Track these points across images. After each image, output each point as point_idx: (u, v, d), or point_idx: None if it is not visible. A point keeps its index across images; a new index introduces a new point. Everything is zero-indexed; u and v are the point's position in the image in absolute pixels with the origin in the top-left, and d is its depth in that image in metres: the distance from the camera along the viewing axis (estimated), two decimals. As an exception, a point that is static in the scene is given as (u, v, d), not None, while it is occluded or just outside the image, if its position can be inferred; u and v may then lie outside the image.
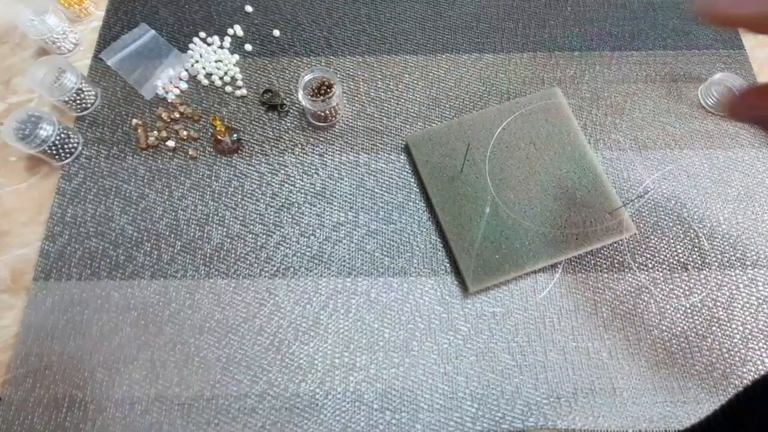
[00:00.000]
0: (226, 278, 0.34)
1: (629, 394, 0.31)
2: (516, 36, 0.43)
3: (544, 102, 0.37)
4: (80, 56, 0.42)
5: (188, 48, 0.42)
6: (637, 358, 0.32)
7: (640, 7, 0.44)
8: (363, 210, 0.36)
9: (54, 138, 0.36)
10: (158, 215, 0.36)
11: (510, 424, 0.30)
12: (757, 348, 0.32)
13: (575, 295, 0.33)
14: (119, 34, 0.42)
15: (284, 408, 0.30)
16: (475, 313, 0.33)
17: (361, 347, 0.32)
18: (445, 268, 0.34)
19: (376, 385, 0.31)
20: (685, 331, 0.32)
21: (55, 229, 0.36)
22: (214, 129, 0.39)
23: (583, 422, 0.30)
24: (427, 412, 0.30)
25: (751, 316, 0.33)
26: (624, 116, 0.39)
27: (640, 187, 0.36)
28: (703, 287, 0.34)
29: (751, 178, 0.37)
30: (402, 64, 0.42)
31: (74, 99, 0.38)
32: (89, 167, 0.38)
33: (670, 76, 0.41)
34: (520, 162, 0.36)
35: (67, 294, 0.34)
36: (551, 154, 0.36)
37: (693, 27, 0.43)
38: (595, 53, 0.42)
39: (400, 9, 0.44)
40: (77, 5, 0.43)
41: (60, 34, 0.40)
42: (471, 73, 0.41)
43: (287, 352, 0.32)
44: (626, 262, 0.34)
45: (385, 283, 0.34)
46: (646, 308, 0.33)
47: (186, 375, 0.31)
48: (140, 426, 0.30)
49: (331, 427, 0.30)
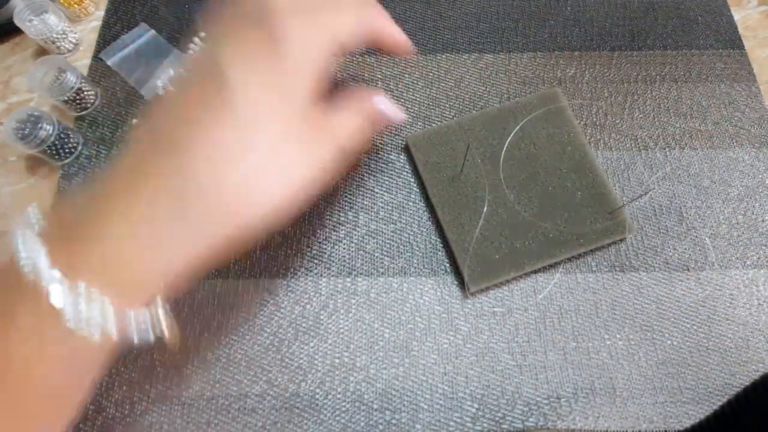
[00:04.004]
0: (227, 278, 0.34)
1: (629, 394, 0.31)
2: (516, 36, 0.43)
3: (544, 103, 0.37)
4: (80, 56, 0.42)
5: (188, 48, 0.42)
6: (637, 358, 0.32)
7: (640, 7, 0.44)
8: (363, 210, 0.36)
9: (54, 138, 0.36)
10: (158, 215, 0.36)
11: (510, 424, 0.30)
12: (758, 348, 0.32)
13: (575, 295, 0.33)
14: (119, 34, 0.42)
15: (284, 408, 0.30)
16: (475, 313, 0.33)
17: (361, 347, 0.32)
18: (445, 268, 0.34)
19: (376, 385, 0.31)
20: (686, 331, 0.32)
21: (54, 229, 0.36)
22: (214, 129, 0.39)
23: (583, 422, 0.30)
24: (427, 412, 0.30)
25: (751, 316, 0.33)
26: (624, 116, 0.39)
27: (641, 187, 0.36)
28: (703, 287, 0.34)
29: (751, 178, 0.37)
30: (402, 64, 0.42)
31: (74, 99, 0.38)
32: (89, 167, 0.38)
33: (670, 76, 0.41)
34: (520, 162, 0.36)
35: (67, 294, 0.34)
36: (551, 155, 0.36)
37: (693, 27, 0.43)
38: (595, 53, 0.42)
39: (400, 9, 0.44)
40: (77, 5, 0.43)
41: (60, 33, 0.40)
42: (471, 73, 0.41)
43: (287, 352, 0.32)
44: (626, 262, 0.34)
45: (385, 283, 0.34)
46: (646, 308, 0.33)
47: (186, 375, 0.31)
48: (140, 426, 0.30)
49: (331, 427, 0.30)
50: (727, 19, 0.43)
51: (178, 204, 0.20)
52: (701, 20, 0.43)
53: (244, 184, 0.21)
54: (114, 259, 0.20)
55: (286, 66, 0.22)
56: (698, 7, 0.44)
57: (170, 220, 0.21)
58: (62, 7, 0.42)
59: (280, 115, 0.22)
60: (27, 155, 0.38)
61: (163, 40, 0.42)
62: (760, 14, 0.44)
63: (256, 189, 0.22)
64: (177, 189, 0.20)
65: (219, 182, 0.21)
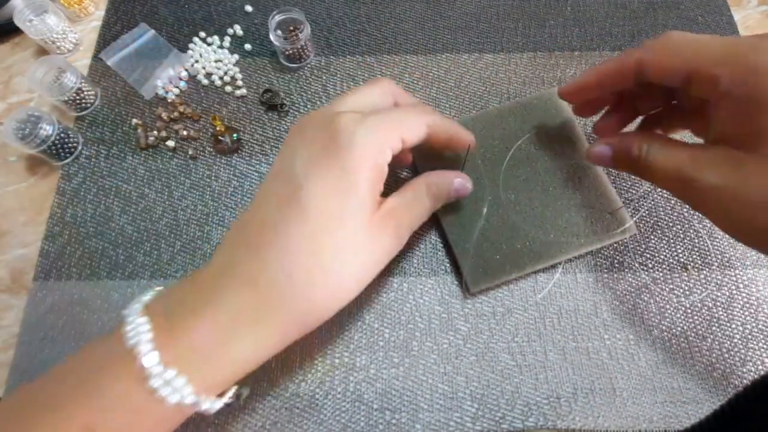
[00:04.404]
0: (226, 278, 0.34)
1: (629, 394, 0.31)
2: (516, 36, 0.43)
3: (544, 103, 0.37)
4: (80, 56, 0.42)
5: (188, 48, 0.42)
6: (637, 358, 0.32)
7: (640, 7, 0.44)
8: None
9: (54, 138, 0.36)
10: (158, 215, 0.36)
11: (510, 424, 0.30)
12: (757, 348, 0.32)
13: (575, 295, 0.33)
14: (119, 34, 0.42)
15: (284, 408, 0.30)
16: (475, 313, 0.33)
17: (361, 347, 0.32)
18: (445, 268, 0.34)
19: (376, 385, 0.31)
20: (685, 331, 0.32)
21: (54, 229, 0.36)
22: (213, 129, 0.39)
23: (583, 422, 0.30)
24: (427, 412, 0.30)
25: (751, 316, 0.33)
26: (624, 116, 0.39)
27: (641, 187, 0.36)
28: (703, 287, 0.34)
29: (751, 178, 0.37)
30: (402, 64, 0.42)
31: (74, 99, 0.38)
32: (89, 167, 0.38)
33: (670, 76, 0.41)
34: (520, 162, 0.36)
35: (67, 294, 0.34)
36: (552, 155, 0.36)
37: (693, 27, 0.43)
38: (595, 53, 0.42)
39: (400, 9, 0.44)
40: (77, 5, 0.43)
41: (60, 33, 0.40)
42: (471, 73, 0.41)
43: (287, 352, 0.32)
44: (626, 262, 0.34)
45: (385, 283, 0.34)
46: (646, 308, 0.33)
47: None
48: (140, 426, 0.30)
49: (331, 426, 0.30)
50: (727, 19, 0.43)
51: (257, 299, 0.23)
52: (701, 20, 0.43)
53: (311, 283, 0.24)
54: (200, 353, 0.22)
55: (350, 164, 0.24)
56: (698, 7, 0.44)
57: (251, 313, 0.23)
58: (62, 7, 0.42)
59: (347, 215, 0.24)
60: (27, 155, 0.38)
61: (163, 40, 0.42)
62: (760, 14, 0.44)
63: (323, 288, 0.24)
64: (254, 288, 0.23)
65: (292, 283, 0.23)
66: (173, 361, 0.21)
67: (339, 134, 0.24)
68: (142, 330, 0.22)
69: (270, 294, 0.23)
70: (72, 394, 0.21)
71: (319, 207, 0.24)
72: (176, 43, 0.42)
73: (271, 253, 0.23)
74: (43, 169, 0.38)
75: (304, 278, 0.23)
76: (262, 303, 0.23)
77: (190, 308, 0.23)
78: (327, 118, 0.26)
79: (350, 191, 0.24)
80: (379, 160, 0.25)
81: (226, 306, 0.23)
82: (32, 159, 0.38)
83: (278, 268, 0.23)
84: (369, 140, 0.25)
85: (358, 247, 0.25)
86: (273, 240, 0.23)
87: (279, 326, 0.24)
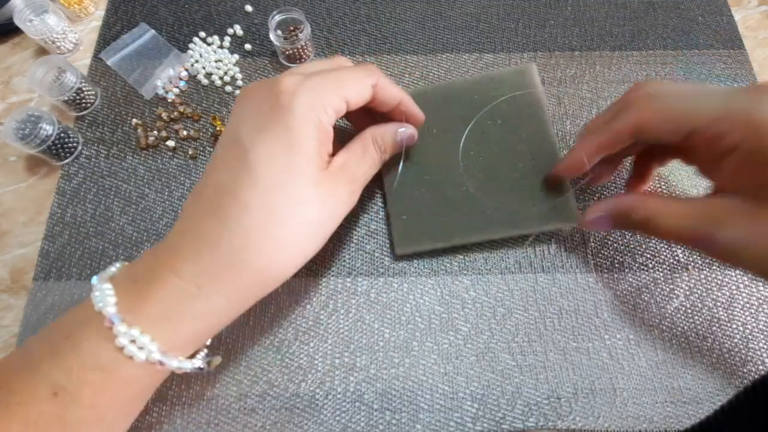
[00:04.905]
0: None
1: (629, 394, 0.31)
2: (516, 36, 0.43)
3: (515, 77, 0.36)
4: (80, 56, 0.42)
5: (188, 48, 0.42)
6: (638, 358, 0.32)
7: (640, 7, 0.44)
8: (363, 210, 0.36)
9: (54, 138, 0.36)
10: (158, 215, 0.36)
11: (510, 424, 0.30)
12: (758, 348, 0.32)
13: (575, 295, 0.33)
14: (119, 34, 0.42)
15: (284, 408, 0.30)
16: (475, 313, 0.33)
17: (361, 347, 0.32)
18: (446, 268, 0.34)
19: (376, 385, 0.31)
20: (685, 331, 0.32)
21: (54, 228, 0.36)
22: (214, 129, 0.39)
23: (583, 422, 0.30)
24: (427, 412, 0.30)
25: (751, 316, 0.33)
26: (624, 116, 0.39)
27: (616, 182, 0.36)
28: (703, 287, 0.34)
29: (751, 178, 0.37)
30: (402, 64, 0.42)
31: (74, 99, 0.38)
32: (89, 167, 0.38)
33: (670, 76, 0.41)
34: (477, 136, 0.35)
35: (67, 294, 0.34)
36: (511, 132, 0.34)
37: (693, 27, 0.43)
38: (595, 53, 0.42)
39: (400, 9, 0.44)
40: (77, 5, 0.43)
41: (60, 33, 0.40)
42: (471, 73, 0.41)
43: (287, 352, 0.32)
44: (626, 262, 0.34)
45: (385, 283, 0.34)
46: (646, 308, 0.33)
47: (186, 375, 0.31)
48: (141, 426, 0.30)
49: (331, 427, 0.30)
50: (727, 19, 0.43)
51: (217, 259, 0.24)
52: (701, 20, 0.43)
53: (268, 238, 0.24)
54: (163, 313, 0.23)
55: (292, 123, 0.25)
56: (698, 7, 0.44)
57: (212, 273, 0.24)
58: (62, 7, 0.42)
59: (295, 171, 0.25)
60: (27, 155, 0.38)
61: (163, 40, 0.42)
62: (760, 14, 0.44)
63: (280, 243, 0.25)
64: (214, 248, 0.24)
65: (250, 240, 0.24)
66: (137, 321, 0.22)
67: (281, 95, 0.25)
68: (108, 294, 0.23)
69: (230, 253, 0.23)
70: (45, 355, 0.22)
71: (267, 166, 0.24)
72: (176, 43, 0.42)
73: (229, 213, 0.24)
74: (43, 169, 0.38)
75: (263, 235, 0.24)
76: (222, 262, 0.23)
77: (152, 273, 0.24)
78: (270, 81, 0.26)
79: (295, 148, 0.25)
80: (322, 119, 0.26)
81: (187, 267, 0.23)
82: (32, 159, 0.38)
83: (235, 228, 0.23)
84: (310, 99, 0.25)
85: (312, 200, 0.25)
86: (229, 202, 0.24)
87: (240, 284, 0.24)
